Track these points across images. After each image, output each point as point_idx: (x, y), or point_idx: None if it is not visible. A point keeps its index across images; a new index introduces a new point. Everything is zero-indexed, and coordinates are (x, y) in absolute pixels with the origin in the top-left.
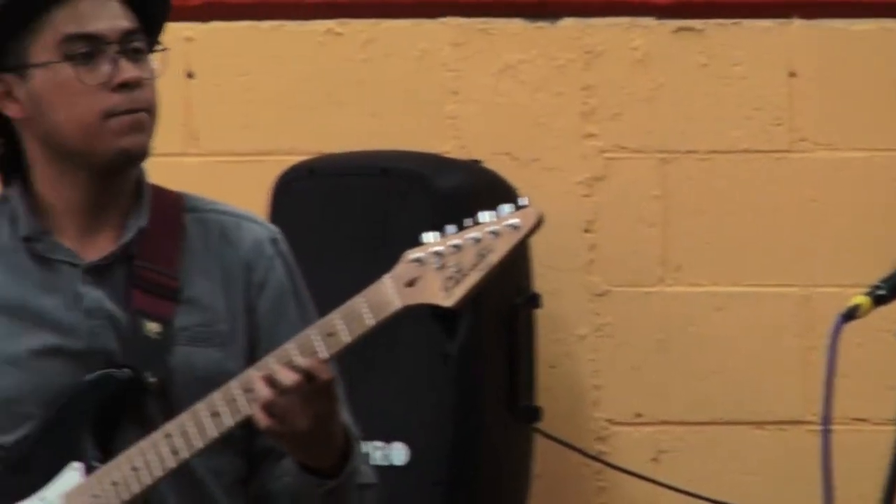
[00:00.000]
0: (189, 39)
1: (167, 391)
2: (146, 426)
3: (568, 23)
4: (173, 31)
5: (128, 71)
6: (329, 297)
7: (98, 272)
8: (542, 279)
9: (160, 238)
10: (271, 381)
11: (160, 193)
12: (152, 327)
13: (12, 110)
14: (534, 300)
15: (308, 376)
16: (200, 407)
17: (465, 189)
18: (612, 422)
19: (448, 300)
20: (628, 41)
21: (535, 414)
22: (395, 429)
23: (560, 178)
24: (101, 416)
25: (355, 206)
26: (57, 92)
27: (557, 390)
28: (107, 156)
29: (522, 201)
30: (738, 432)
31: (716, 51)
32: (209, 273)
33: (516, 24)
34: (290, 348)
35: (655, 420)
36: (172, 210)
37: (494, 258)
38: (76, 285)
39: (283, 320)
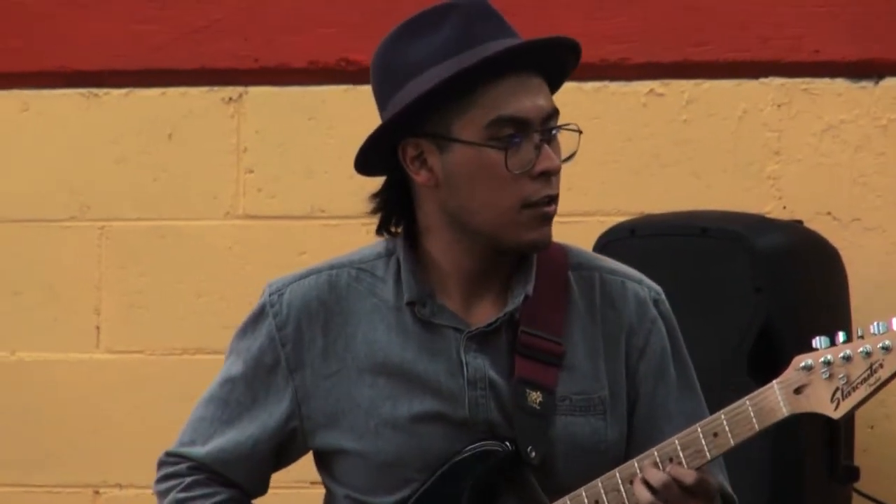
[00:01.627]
0: None
1: (547, 463)
2: (525, 498)
3: (891, 82)
4: None
5: (549, 160)
6: None
7: (482, 338)
8: None
9: (545, 301)
10: (645, 482)
11: (547, 254)
12: (534, 397)
13: (421, 176)
14: None
15: (675, 480)
16: (582, 493)
17: (785, 249)
18: None
19: (835, 413)
20: None
21: (854, 474)
22: None
23: (881, 238)
24: (480, 486)
25: (676, 265)
26: (478, 173)
27: (876, 450)
28: (513, 243)
29: None
30: None
31: None
32: (591, 336)
33: (839, 84)
34: (676, 444)
35: None
36: (557, 269)
37: (884, 374)
38: (459, 352)
39: (662, 383)
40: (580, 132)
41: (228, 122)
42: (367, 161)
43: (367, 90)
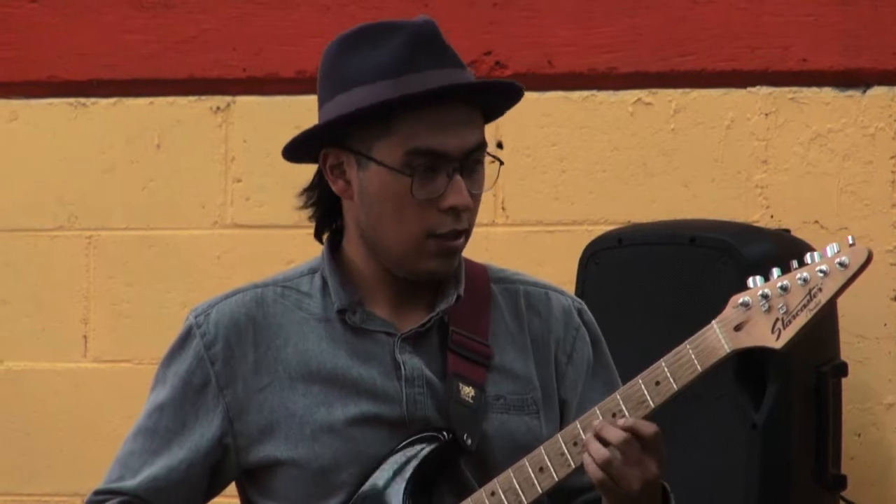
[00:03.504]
0: None
1: (484, 457)
2: (461, 491)
3: (878, 91)
4: None
5: (458, 195)
6: (637, 364)
7: (415, 339)
8: (850, 348)
9: (472, 307)
10: (600, 438)
11: (468, 264)
12: (468, 391)
13: (337, 185)
14: (841, 369)
15: (634, 433)
16: (525, 463)
17: (773, 258)
18: None
19: (777, 343)
20: None
21: (841, 482)
22: (701, 500)
23: (868, 247)
24: (416, 482)
25: (664, 274)
26: (388, 197)
27: (863, 459)
28: (412, 269)
29: (850, 239)
30: None
31: None
32: (518, 342)
33: (826, 93)
34: (617, 399)
35: None
36: (480, 280)
37: (824, 297)
38: (394, 353)
39: (590, 388)
40: (501, 163)
41: (216, 131)
42: (296, 156)
43: None
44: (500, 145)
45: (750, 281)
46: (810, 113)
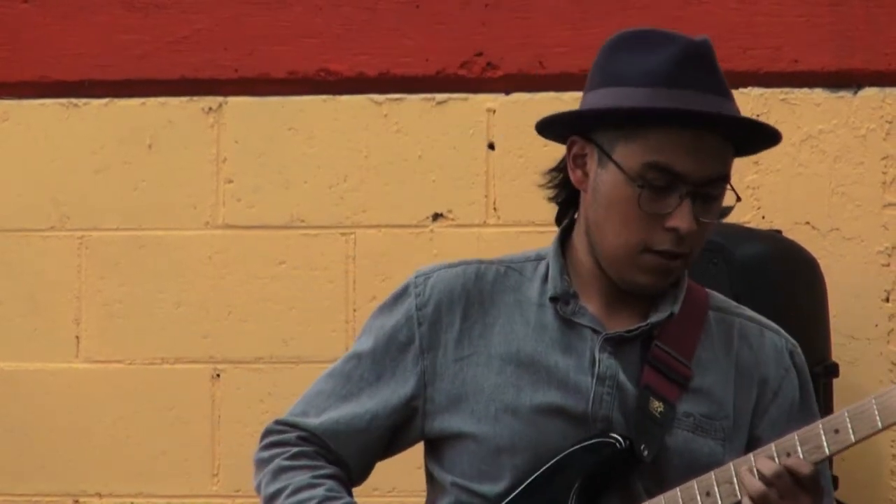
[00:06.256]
0: (491, 111)
1: (659, 470)
2: (630, 500)
3: (869, 92)
4: (475, 103)
5: (681, 219)
6: None
7: (617, 342)
8: (841, 349)
9: (683, 327)
10: (757, 471)
11: (690, 287)
12: (657, 405)
13: (575, 175)
14: (832, 370)
15: (788, 470)
16: (693, 484)
17: (765, 259)
18: None
19: None
20: None
21: (833, 483)
22: None
23: (860, 248)
24: (588, 482)
25: None
26: (616, 201)
27: (854, 460)
28: (621, 278)
29: None
30: None
31: None
32: (723, 369)
33: (818, 94)
34: (795, 438)
35: None
36: (699, 304)
37: None
38: (594, 350)
39: (789, 430)
40: (738, 198)
41: (208, 132)
42: (547, 132)
43: (346, 100)
44: (491, 146)
45: None
46: (802, 114)
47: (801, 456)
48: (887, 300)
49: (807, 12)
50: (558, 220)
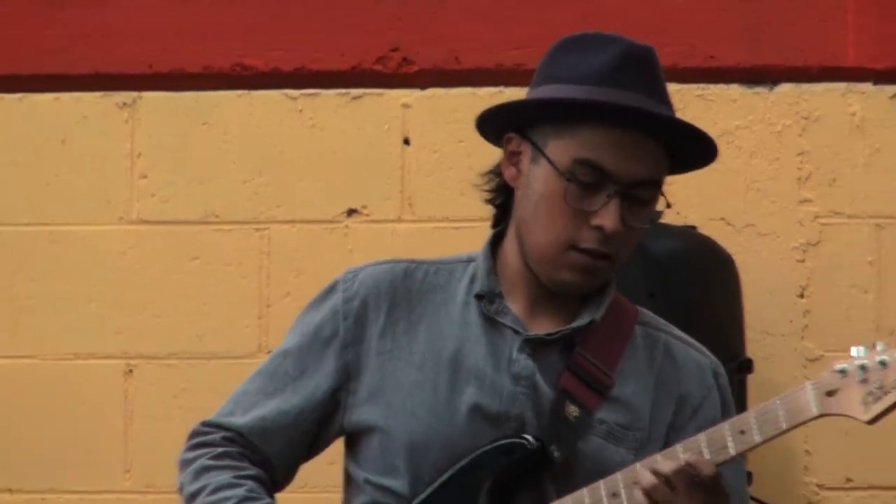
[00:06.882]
0: (406, 106)
1: (571, 473)
2: (540, 501)
3: (785, 88)
4: (391, 99)
5: (607, 217)
6: None
7: (536, 345)
8: (756, 344)
9: (607, 336)
10: (653, 469)
11: (619, 300)
12: (571, 410)
13: (509, 172)
14: (746, 365)
15: (691, 468)
16: (600, 485)
17: (679, 254)
18: (822, 486)
19: (865, 415)
20: (845, 107)
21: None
22: None
23: (775, 244)
24: (500, 482)
25: None
26: (546, 196)
27: (768, 455)
28: (548, 276)
29: None
30: None
31: None
32: (644, 382)
33: (734, 91)
34: (701, 439)
35: (865, 485)
36: (627, 317)
37: None
38: (512, 350)
39: None
40: (668, 205)
41: (122, 127)
42: (484, 129)
43: (261, 95)
44: (406, 142)
45: (853, 350)
46: (718, 110)
47: (707, 456)
48: (802, 296)
49: (721, 8)
50: (495, 224)
